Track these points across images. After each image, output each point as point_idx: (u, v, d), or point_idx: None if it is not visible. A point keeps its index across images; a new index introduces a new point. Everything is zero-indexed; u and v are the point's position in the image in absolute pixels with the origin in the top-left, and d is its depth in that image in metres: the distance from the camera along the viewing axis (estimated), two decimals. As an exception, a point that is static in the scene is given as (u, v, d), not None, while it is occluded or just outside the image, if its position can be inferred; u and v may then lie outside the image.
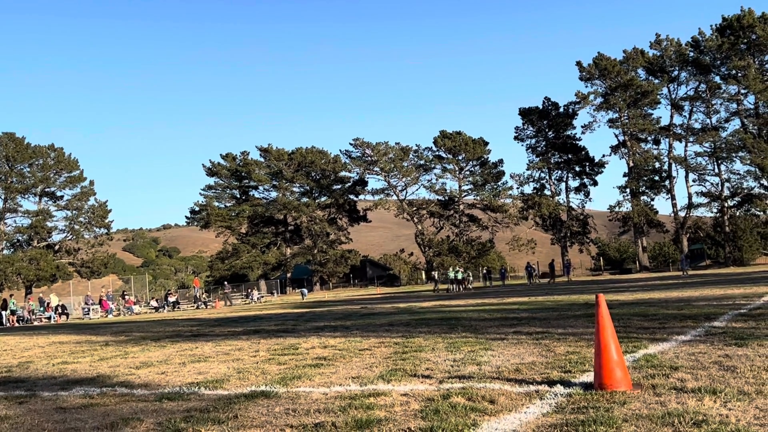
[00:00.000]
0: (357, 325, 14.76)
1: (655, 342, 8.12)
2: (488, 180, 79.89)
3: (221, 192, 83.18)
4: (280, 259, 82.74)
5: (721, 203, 69.68)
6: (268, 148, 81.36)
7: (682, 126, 72.24)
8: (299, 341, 11.66)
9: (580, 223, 75.76)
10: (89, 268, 69.78)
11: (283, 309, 31.03)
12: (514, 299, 22.90)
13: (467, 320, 13.94)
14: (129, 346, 13.21)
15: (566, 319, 12.45)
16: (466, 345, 9.16)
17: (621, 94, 69.86)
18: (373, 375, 7.00)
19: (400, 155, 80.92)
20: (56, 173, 71.05)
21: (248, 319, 22.16)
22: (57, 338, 18.21)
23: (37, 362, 11.15)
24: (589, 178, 76.35)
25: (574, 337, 9.23)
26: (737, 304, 13.41)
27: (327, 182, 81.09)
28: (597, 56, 71.78)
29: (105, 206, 73.00)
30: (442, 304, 23.45)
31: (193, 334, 15.91)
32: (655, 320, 11.04)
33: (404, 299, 32.72)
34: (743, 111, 68.62)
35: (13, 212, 69.26)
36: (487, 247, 77.92)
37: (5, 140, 68.10)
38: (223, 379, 7.50)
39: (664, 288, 24.13)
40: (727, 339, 7.91)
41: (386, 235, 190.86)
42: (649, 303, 15.77)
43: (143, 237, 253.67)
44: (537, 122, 76.71)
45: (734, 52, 65.27)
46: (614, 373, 5.31)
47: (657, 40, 71.70)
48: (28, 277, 64.29)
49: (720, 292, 18.28)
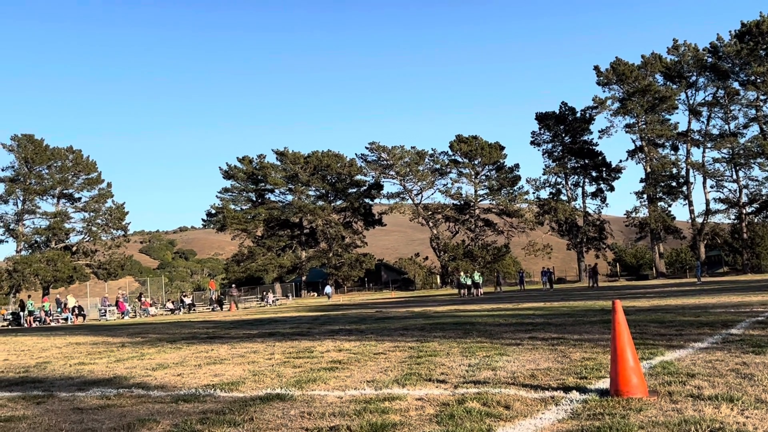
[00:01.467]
0: (372, 329, 14.76)
1: (672, 349, 8.07)
2: (504, 184, 79.71)
3: (237, 195, 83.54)
4: (295, 263, 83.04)
5: (739, 210, 69.13)
6: (285, 151, 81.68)
7: (699, 132, 71.81)
8: (314, 344, 11.69)
9: (597, 228, 75.42)
10: (106, 269, 70.30)
11: (298, 312, 31.10)
12: (530, 304, 22.83)
13: (482, 325, 13.91)
14: (145, 348, 13.30)
15: (582, 325, 12.41)
16: (481, 350, 9.15)
17: (638, 99, 69.54)
18: (388, 379, 7.01)
19: (415, 159, 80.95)
20: (74, 175, 71.65)
21: (263, 321, 22.23)
22: (74, 339, 18.34)
23: (54, 363, 11.25)
24: (605, 183, 76.06)
25: (590, 343, 9.19)
26: (755, 312, 13.31)
27: (342, 186, 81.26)
28: (615, 61, 71.55)
29: (122, 208, 73.51)
30: (456, 308, 23.41)
31: (208, 336, 15.99)
32: (671, 327, 10.98)
33: (419, 303, 32.69)
34: (762, 117, 68.06)
35: (31, 213, 69.91)
36: (502, 251, 77.70)
37: (24, 142, 68.79)
38: (238, 381, 7.53)
39: (680, 294, 23.97)
40: (745, 346, 7.86)
41: (401, 239, 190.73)
42: (666, 310, 15.68)
43: (160, 239, 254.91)
44: (554, 127, 76.53)
45: (753, 58, 64.77)
46: (630, 379, 5.29)
47: (675, 46, 71.29)
48: (46, 278, 64.85)
49: (737, 299, 18.14)
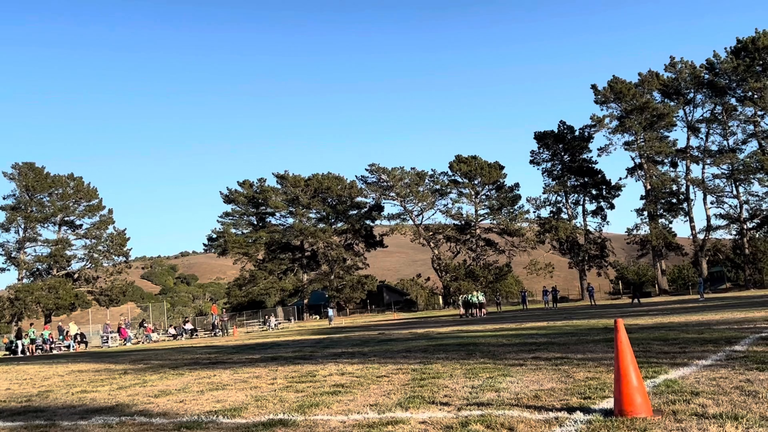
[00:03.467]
0: (374, 352, 14.71)
1: (676, 367, 8.04)
2: (504, 204, 79.78)
3: (238, 219, 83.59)
4: (297, 286, 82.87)
5: (740, 225, 69.09)
6: (285, 174, 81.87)
7: (698, 148, 72.07)
8: (317, 368, 11.64)
9: (598, 246, 75.38)
10: (108, 296, 70.21)
11: (300, 335, 31.00)
12: (533, 324, 22.75)
13: (485, 346, 13.86)
14: (147, 375, 13.25)
15: (585, 344, 12.36)
16: (484, 371, 9.11)
17: (637, 116, 69.81)
18: (391, 402, 6.97)
19: (415, 180, 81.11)
20: (75, 202, 71.81)
21: (265, 346, 22.14)
22: (76, 367, 18.28)
23: (56, 391, 11.20)
24: (605, 201, 76.16)
25: (594, 363, 9.15)
26: (758, 328, 13.26)
27: (343, 208, 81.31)
28: (612, 79, 71.95)
29: (123, 234, 73.59)
30: (459, 329, 23.33)
31: (211, 361, 15.93)
32: (675, 345, 10.93)
33: (421, 325, 32.59)
34: (760, 132, 68.23)
35: (32, 241, 69.96)
36: (504, 271, 77.58)
37: (25, 170, 69.04)
38: (241, 407, 7.50)
39: (683, 312, 23.88)
40: (749, 363, 7.82)
41: (403, 260, 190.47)
42: (669, 327, 15.62)
43: (161, 264, 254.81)
44: (552, 146, 76.78)
45: (750, 74, 65.07)
46: (634, 399, 5.27)
47: (672, 63, 71.69)
48: (48, 305, 64.73)
49: (741, 316, 18.07)
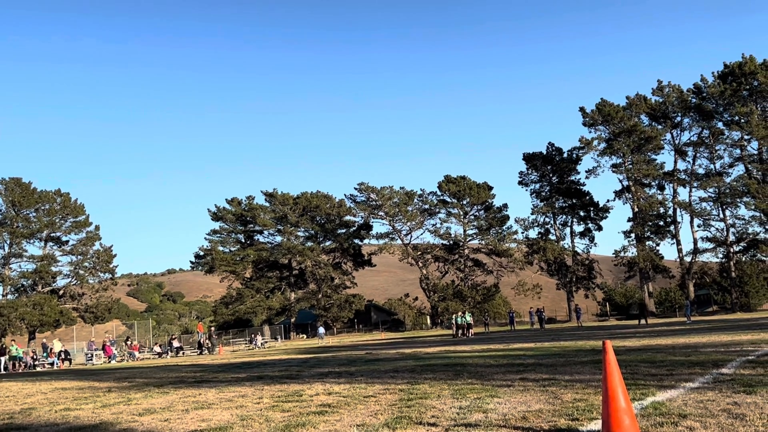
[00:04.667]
0: (361, 372, 14.64)
1: (663, 389, 8.04)
2: (493, 224, 79.94)
3: (226, 236, 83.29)
4: (284, 304, 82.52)
5: (726, 248, 69.47)
6: (274, 192, 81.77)
7: (686, 171, 72.53)
8: (303, 388, 11.56)
9: (586, 268, 75.55)
10: (93, 313, 69.58)
11: (287, 355, 30.82)
12: (520, 345, 22.73)
13: (473, 366, 13.82)
14: (132, 393, 13.12)
15: (573, 366, 12.35)
16: (472, 392, 9.08)
17: (624, 139, 70.31)
18: (378, 423, 6.93)
19: (404, 199, 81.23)
20: (62, 218, 71.31)
21: (252, 365, 22.00)
22: (60, 384, 18.09)
23: (39, 409, 11.07)
24: (593, 222, 76.44)
25: (582, 384, 9.14)
26: (745, 351, 13.30)
27: (332, 226, 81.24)
28: (600, 102, 72.46)
29: (110, 251, 73.10)
30: (447, 349, 23.26)
31: (196, 380, 15.80)
32: (662, 367, 10.94)
33: (409, 345, 32.48)
34: (747, 157, 68.85)
35: (18, 257, 69.32)
36: (492, 291, 77.59)
37: (12, 185, 68.59)
38: (226, 426, 7.43)
39: (671, 334, 23.94)
40: (736, 386, 7.84)
41: (391, 280, 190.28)
42: (657, 349, 15.64)
43: (148, 282, 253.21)
44: (541, 167, 77.15)
45: (737, 99, 65.75)
46: (622, 421, 5.26)
47: (659, 87, 72.36)
48: (32, 322, 64.03)
49: (727, 339, 18.13)
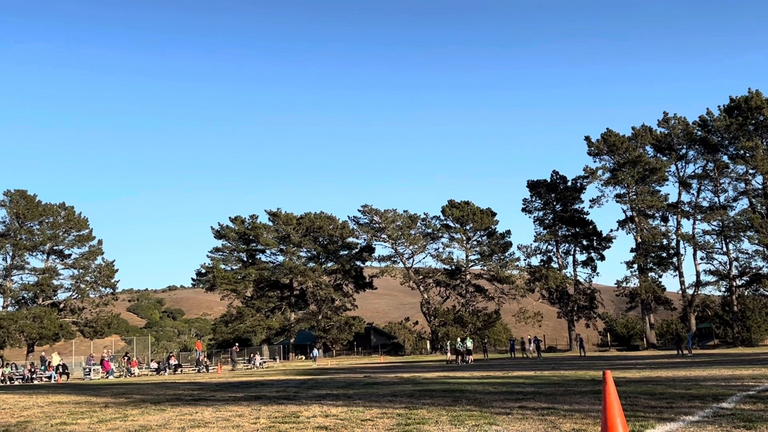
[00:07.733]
0: (359, 394, 14.57)
1: (663, 422, 8.00)
2: (495, 251, 79.81)
3: (228, 254, 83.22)
4: (284, 324, 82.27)
5: (729, 282, 69.19)
6: (277, 212, 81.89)
7: (690, 204, 72.51)
8: (300, 409, 11.52)
9: (587, 297, 75.31)
10: (93, 327, 69.38)
11: (285, 375, 30.70)
12: (520, 373, 22.63)
13: (472, 393, 13.76)
14: (129, 409, 13.07)
15: (573, 395, 12.29)
16: (470, 419, 9.03)
17: (629, 170, 70.43)
18: (375, 446, 6.89)
19: (407, 223, 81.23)
20: (65, 231, 71.39)
21: (250, 384, 21.91)
22: (56, 398, 18.03)
23: (35, 422, 11.03)
24: (596, 252, 76.27)
25: (581, 414, 9.10)
26: (746, 386, 13.23)
27: (334, 248, 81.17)
28: (606, 132, 72.69)
29: (112, 266, 73.06)
30: (446, 375, 23.17)
31: (193, 398, 15.73)
32: (662, 399, 10.89)
33: (408, 369, 32.34)
34: (751, 191, 68.82)
35: (20, 269, 69.30)
36: (492, 318, 77.29)
37: (17, 197, 68.76)
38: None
39: (671, 366, 23.82)
40: (736, 421, 7.79)
41: (391, 303, 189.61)
42: (657, 381, 15.56)
43: (148, 298, 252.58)
44: (545, 195, 77.20)
45: (742, 133, 65.86)
46: (620, 452, 5.23)
47: (665, 119, 72.58)
48: (31, 335, 63.87)
49: (728, 373, 18.03)
